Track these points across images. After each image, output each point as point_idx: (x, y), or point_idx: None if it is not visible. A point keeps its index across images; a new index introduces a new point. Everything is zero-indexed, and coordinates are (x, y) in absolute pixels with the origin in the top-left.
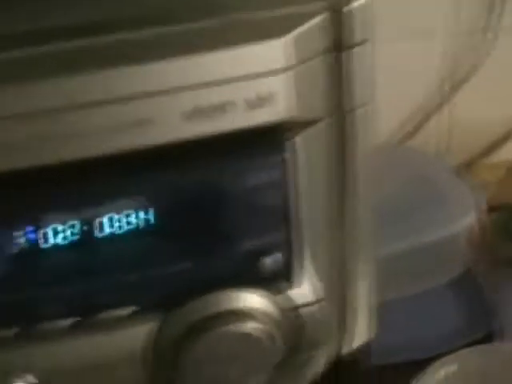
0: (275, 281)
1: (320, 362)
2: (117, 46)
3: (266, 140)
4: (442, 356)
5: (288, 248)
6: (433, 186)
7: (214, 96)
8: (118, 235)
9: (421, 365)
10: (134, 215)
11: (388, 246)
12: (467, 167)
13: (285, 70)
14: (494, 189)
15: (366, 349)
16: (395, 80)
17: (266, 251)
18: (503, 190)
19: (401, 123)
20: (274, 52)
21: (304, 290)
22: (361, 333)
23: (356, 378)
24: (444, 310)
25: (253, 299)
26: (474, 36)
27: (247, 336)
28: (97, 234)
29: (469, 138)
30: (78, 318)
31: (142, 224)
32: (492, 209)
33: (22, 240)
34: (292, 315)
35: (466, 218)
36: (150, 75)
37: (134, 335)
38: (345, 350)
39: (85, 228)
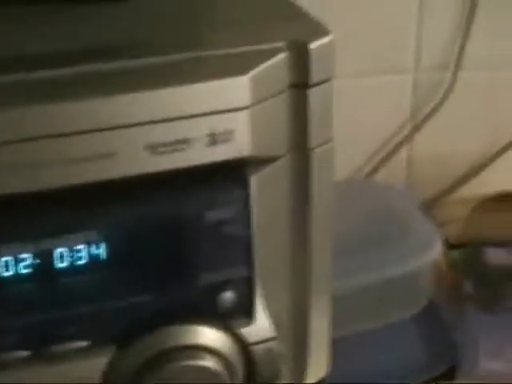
0: (230, 317)
1: None
2: (81, 78)
3: (227, 176)
4: None
5: (245, 284)
6: (397, 220)
7: (176, 131)
8: (74, 268)
9: None
10: (90, 248)
11: (351, 280)
12: (433, 203)
13: (245, 107)
14: (460, 225)
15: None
16: (360, 115)
17: (222, 287)
18: (469, 227)
19: (366, 158)
20: (234, 90)
21: (259, 327)
22: (316, 369)
23: None
24: (407, 343)
25: (209, 334)
26: (437, 73)
27: (204, 371)
28: (52, 266)
29: (435, 174)
30: (32, 351)
31: (98, 257)
32: (458, 245)
33: None
34: (245, 350)
35: (429, 253)
36: (114, 108)
37: (89, 368)
38: None
39: (38, 261)
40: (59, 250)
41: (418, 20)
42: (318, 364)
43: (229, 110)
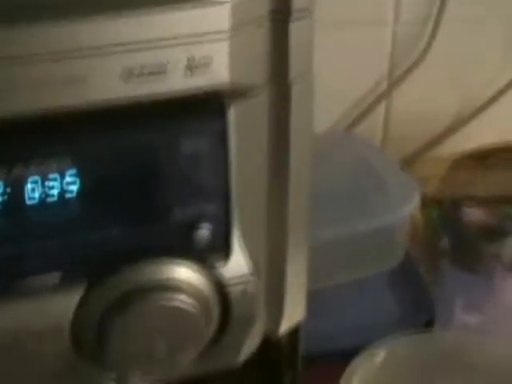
0: (206, 254)
1: (249, 343)
2: (52, 2)
3: (204, 106)
4: None
5: (221, 221)
6: (375, 174)
7: (152, 57)
8: (45, 199)
9: (354, 354)
10: (60, 179)
11: (326, 231)
12: (410, 160)
13: (223, 34)
14: (436, 183)
15: (296, 333)
16: (337, 69)
17: (197, 222)
18: (446, 184)
19: (344, 113)
20: (214, 15)
21: (234, 266)
22: (291, 314)
23: (288, 363)
24: (383, 298)
25: (183, 271)
26: (417, 27)
27: (176, 309)
28: (22, 197)
29: (412, 131)
30: (2, 285)
31: (68, 188)
32: (435, 202)
33: None
34: (221, 290)
35: (406, 207)
36: (86, 32)
37: (58, 305)
38: (275, 332)
39: (8, 190)
40: (31, 178)
41: None
42: (294, 310)
43: (208, 37)
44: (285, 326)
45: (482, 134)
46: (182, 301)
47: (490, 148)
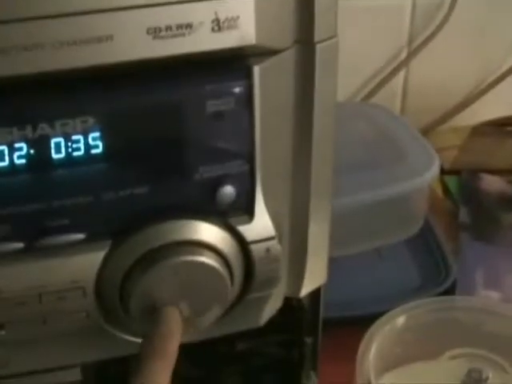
0: (229, 214)
1: (271, 304)
2: None
3: (230, 65)
4: None
5: (245, 180)
6: (394, 143)
7: (179, 15)
8: (69, 158)
9: (374, 320)
10: (85, 137)
11: (347, 200)
12: (428, 130)
13: None
14: (454, 153)
15: (318, 296)
16: (356, 38)
17: (221, 182)
18: (464, 154)
19: (362, 82)
20: None
21: (257, 226)
22: (312, 277)
23: (308, 326)
24: (403, 266)
25: (206, 230)
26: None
27: (200, 266)
28: (47, 155)
29: (430, 101)
30: (25, 243)
31: (94, 147)
32: (452, 172)
33: None
34: (244, 250)
35: (425, 176)
36: None
37: (82, 263)
38: (296, 294)
39: (34, 150)
40: (55, 138)
41: None
42: (316, 273)
43: None
44: (306, 289)
45: (500, 104)
46: (206, 258)
47: (508, 116)
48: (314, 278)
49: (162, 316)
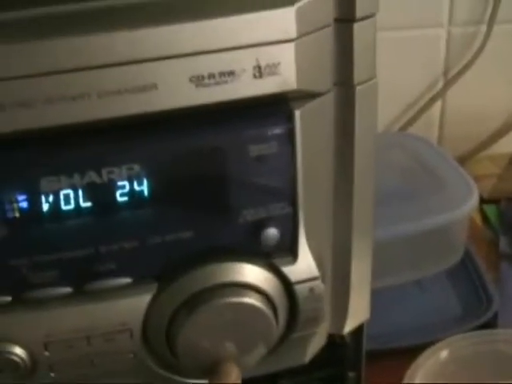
0: (273, 255)
1: (315, 342)
2: (124, 9)
3: (272, 110)
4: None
5: (289, 221)
6: (433, 173)
7: (222, 63)
8: (115, 203)
9: (417, 352)
10: (130, 183)
11: (388, 231)
12: (466, 159)
13: (292, 39)
14: (492, 181)
15: (361, 332)
16: (393, 69)
17: (266, 223)
18: (502, 183)
19: (400, 112)
20: (281, 21)
21: (302, 266)
22: (355, 314)
23: (351, 362)
24: (444, 295)
25: (251, 272)
26: (471, 27)
27: (246, 307)
28: (95, 201)
29: (467, 130)
30: (73, 287)
31: (140, 192)
32: (490, 201)
33: (22, 205)
34: (289, 290)
35: (465, 206)
36: (158, 39)
37: (131, 306)
38: (339, 331)
39: (81, 196)
40: (102, 185)
41: None
42: (359, 309)
43: (275, 42)
44: (349, 326)
45: None
46: (251, 299)
47: None
48: (357, 314)
49: (221, 374)
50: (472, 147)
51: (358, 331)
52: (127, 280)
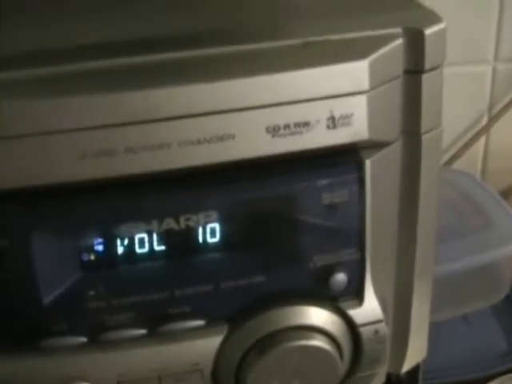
0: (340, 298)
1: (376, 381)
2: (204, 61)
3: (343, 159)
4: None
5: (357, 266)
6: (478, 209)
7: (297, 114)
8: (191, 249)
9: None
10: (209, 229)
11: (436, 268)
12: (509, 193)
13: (364, 91)
14: None
15: (417, 371)
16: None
17: (335, 268)
18: None
19: (444, 148)
20: (355, 73)
21: (368, 309)
22: (414, 353)
23: None
24: (490, 330)
25: (319, 315)
26: None
27: (314, 350)
28: (170, 247)
29: (510, 164)
30: (148, 329)
31: (216, 237)
32: None
33: (97, 248)
34: (354, 332)
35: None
36: (236, 91)
37: (202, 347)
38: (398, 370)
39: (158, 241)
40: (179, 231)
41: (499, 11)
42: (417, 349)
43: (349, 94)
44: (408, 365)
45: None
46: (319, 342)
47: None
48: (415, 353)
49: None
50: None
51: (414, 370)
52: (200, 322)
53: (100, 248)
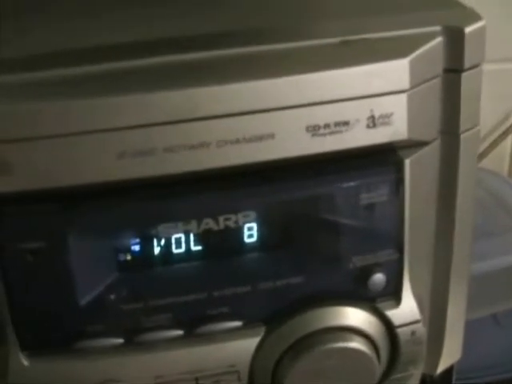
0: (378, 299)
1: (411, 382)
2: (242, 61)
3: (383, 159)
4: None
5: (395, 267)
6: (507, 208)
7: (337, 113)
8: (229, 249)
9: None
10: (248, 229)
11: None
12: None
13: (404, 90)
14: None
15: (450, 372)
16: None
17: (374, 269)
18: None
19: None
20: (395, 72)
21: (406, 310)
22: (449, 354)
23: None
24: None
25: (359, 316)
26: None
27: (352, 351)
28: (209, 248)
29: None
30: (185, 330)
31: (255, 238)
32: None
33: (134, 248)
34: (391, 332)
35: None
36: (277, 90)
37: (239, 348)
38: (432, 371)
39: (197, 242)
40: (218, 231)
41: None
42: (452, 349)
43: (389, 93)
44: (442, 366)
45: None
46: (357, 343)
47: None
48: (450, 354)
49: None
50: None
51: (448, 371)
52: (238, 323)
53: (137, 248)
